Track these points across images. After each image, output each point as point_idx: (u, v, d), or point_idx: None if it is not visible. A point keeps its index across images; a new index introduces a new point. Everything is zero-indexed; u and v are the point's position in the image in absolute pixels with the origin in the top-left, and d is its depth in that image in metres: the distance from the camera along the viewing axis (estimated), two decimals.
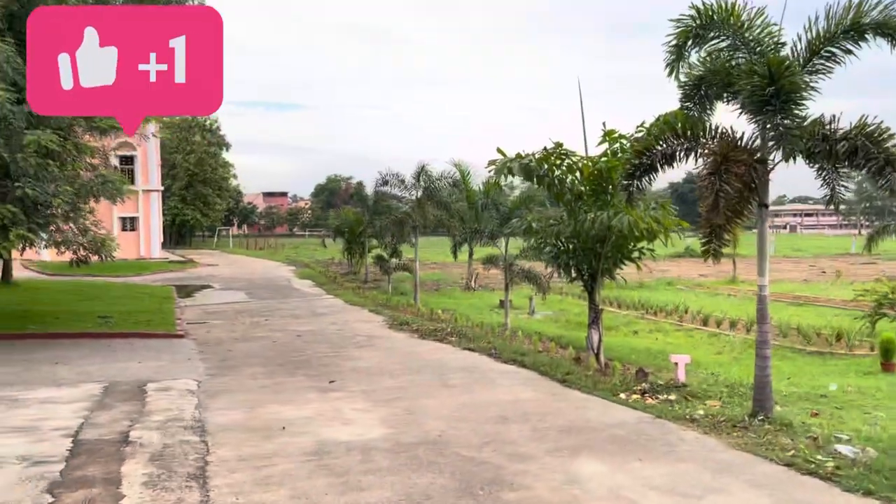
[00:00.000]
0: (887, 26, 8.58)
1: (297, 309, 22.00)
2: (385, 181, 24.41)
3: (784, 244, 74.94)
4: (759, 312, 9.39)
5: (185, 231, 79.06)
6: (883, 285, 17.56)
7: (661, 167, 9.32)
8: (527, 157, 12.08)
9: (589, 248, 12.76)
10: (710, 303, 24.78)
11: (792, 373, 13.72)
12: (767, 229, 9.36)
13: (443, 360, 13.26)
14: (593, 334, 13.11)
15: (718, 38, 9.02)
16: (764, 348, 9.28)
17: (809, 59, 8.93)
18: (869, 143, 8.24)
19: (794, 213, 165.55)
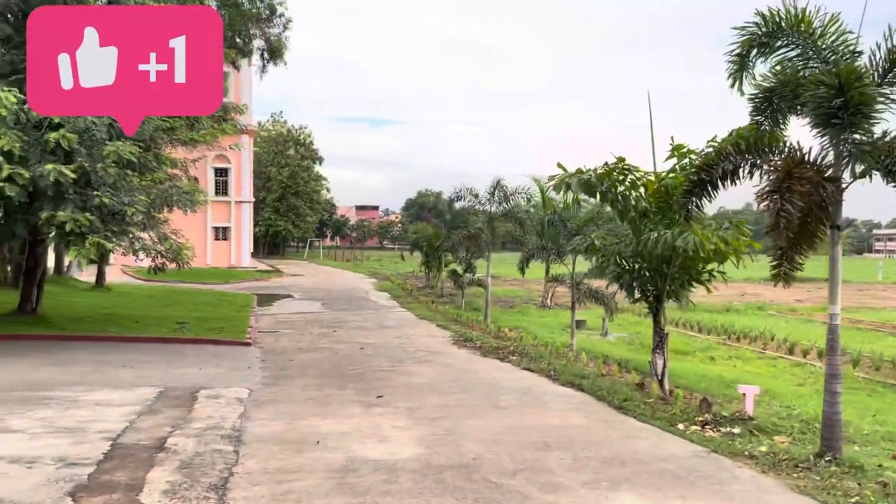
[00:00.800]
0: None
1: (367, 321, 22.15)
2: (459, 196, 24.31)
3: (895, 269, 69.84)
4: (830, 343, 8.61)
5: (279, 241, 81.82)
6: None
7: (723, 184, 8.74)
8: (587, 173, 11.65)
9: (654, 268, 12.17)
10: (801, 330, 23.28)
11: (880, 409, 12.59)
12: (839, 253, 8.58)
13: (498, 380, 12.94)
14: (657, 359, 12.45)
15: (787, 46, 8.39)
16: (834, 382, 8.50)
17: (890, 68, 8.17)
18: None
19: None
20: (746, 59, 8.25)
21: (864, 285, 48.27)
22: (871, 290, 43.63)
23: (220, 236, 47.98)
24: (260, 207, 72.27)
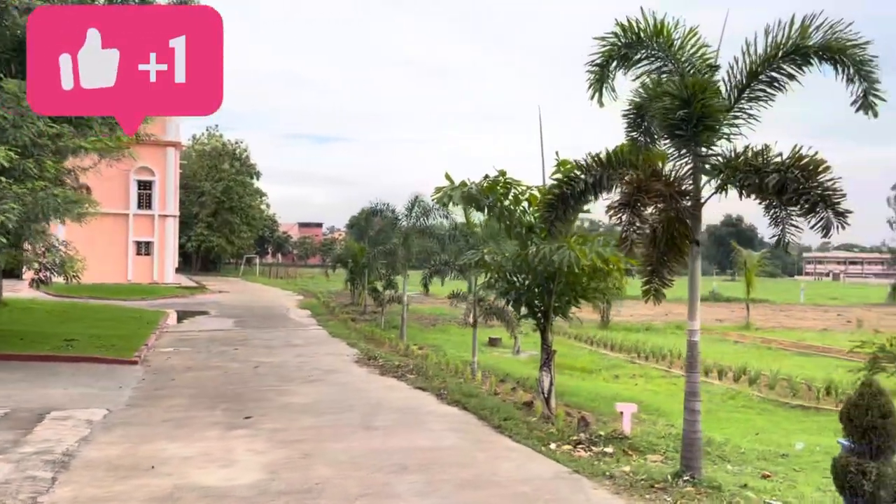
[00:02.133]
0: (831, 49, 7.78)
1: (276, 339, 21.45)
2: (375, 211, 23.87)
3: (820, 292, 72.25)
4: (689, 360, 8.49)
5: (214, 258, 79.74)
6: (881, 336, 16.26)
7: (584, 198, 8.56)
8: (470, 186, 11.41)
9: (540, 284, 11.97)
10: (713, 349, 23.52)
11: (764, 428, 12.62)
12: (698, 269, 8.47)
13: (384, 400, 12.51)
14: (544, 377, 12.20)
15: (648, 59, 8.30)
16: (693, 401, 8.35)
17: (748, 84, 8.15)
18: (801, 176, 7.39)
19: (838, 261, 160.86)
20: (606, 70, 8.11)
21: (785, 306, 49.61)
22: (791, 311, 44.80)
23: (142, 251, 46.36)
24: (192, 223, 70.42)
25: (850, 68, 7.81)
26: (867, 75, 7.78)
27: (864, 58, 7.76)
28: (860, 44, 7.73)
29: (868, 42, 7.75)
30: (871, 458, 5.87)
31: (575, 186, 8.50)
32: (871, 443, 5.82)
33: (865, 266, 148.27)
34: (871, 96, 7.78)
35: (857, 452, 5.96)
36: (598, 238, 11.93)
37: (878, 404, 5.83)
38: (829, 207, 7.36)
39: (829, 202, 7.33)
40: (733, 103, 8.22)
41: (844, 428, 6.09)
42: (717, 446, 10.72)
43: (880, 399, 5.84)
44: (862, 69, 7.76)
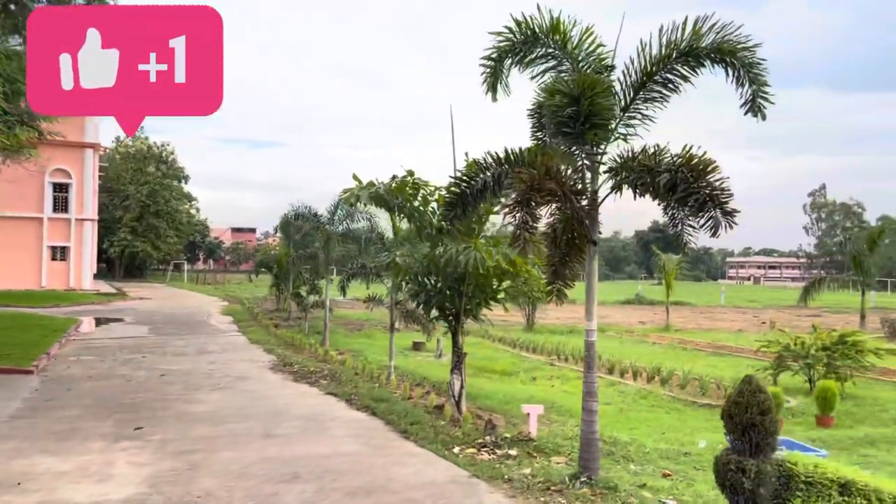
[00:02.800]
0: (721, 51, 7.88)
1: (190, 346, 20.68)
2: (298, 215, 23.35)
3: (741, 294, 74.93)
4: (587, 360, 8.43)
5: (139, 263, 76.95)
6: (785, 336, 16.81)
7: (484, 196, 8.44)
8: (378, 186, 11.18)
9: (450, 286, 11.83)
10: (631, 350, 23.94)
11: (672, 426, 12.79)
12: (595, 268, 8.45)
13: (291, 406, 12.12)
14: (454, 380, 12.07)
15: (546, 57, 8.25)
16: (590, 401, 8.30)
17: (643, 84, 8.18)
18: (691, 175, 7.44)
19: (758, 266, 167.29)
20: (500, 66, 8.00)
21: (706, 308, 51.14)
22: (711, 313, 46.16)
23: (57, 256, 44.26)
24: (116, 227, 67.87)
25: (740, 70, 7.93)
26: (756, 77, 7.91)
27: (753, 60, 7.89)
28: (749, 46, 7.86)
29: (757, 45, 7.88)
30: (750, 455, 5.90)
31: (474, 185, 8.37)
32: (751, 440, 5.85)
33: (784, 270, 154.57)
34: (760, 99, 7.91)
35: (737, 450, 5.98)
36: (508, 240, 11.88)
37: (757, 401, 5.86)
38: (718, 206, 7.43)
39: (717, 201, 7.40)
40: (629, 103, 8.24)
41: (725, 425, 6.11)
42: (623, 446, 10.77)
43: (759, 396, 5.88)
44: (751, 71, 7.89)
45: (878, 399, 15.53)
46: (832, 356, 15.50)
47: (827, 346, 15.69)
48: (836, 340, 15.81)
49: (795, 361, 16.03)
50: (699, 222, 7.55)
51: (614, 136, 8.32)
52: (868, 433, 12.05)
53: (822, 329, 16.77)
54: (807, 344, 15.89)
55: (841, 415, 13.86)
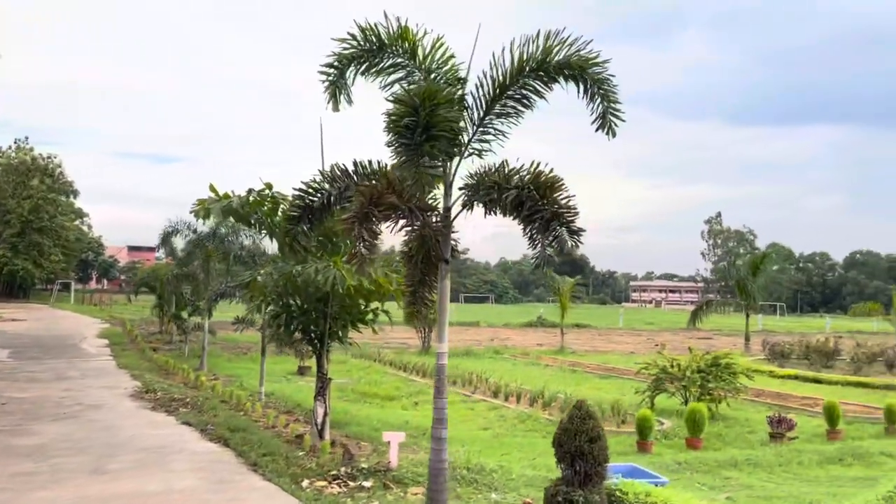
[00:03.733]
0: (572, 66, 7.69)
1: (49, 371, 19.08)
2: (175, 230, 22.08)
3: (640, 317, 77.22)
4: (437, 385, 8.01)
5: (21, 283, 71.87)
6: (662, 358, 17.02)
7: (330, 210, 7.92)
8: (233, 200, 10.47)
9: (313, 306, 11.20)
10: (523, 373, 23.84)
11: (546, 451, 12.39)
12: (447, 288, 8.06)
13: (137, 437, 11.14)
14: (318, 407, 11.40)
15: (395, 66, 7.86)
16: (439, 428, 7.87)
17: (497, 98, 7.90)
18: (538, 193, 7.18)
19: (660, 289, 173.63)
20: (343, 74, 7.55)
21: (605, 331, 52.28)
22: (609, 335, 47.12)
23: None
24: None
25: (591, 86, 7.78)
26: (607, 94, 7.77)
27: (603, 76, 7.74)
28: (600, 62, 7.71)
29: (607, 60, 7.74)
30: (579, 485, 5.57)
31: (320, 198, 7.85)
32: (579, 470, 5.52)
33: (683, 294, 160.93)
34: (611, 116, 7.77)
35: (567, 480, 5.64)
36: (379, 259, 11.39)
37: (586, 428, 5.55)
38: (563, 225, 7.20)
39: (563, 220, 7.17)
40: (483, 118, 7.95)
41: (556, 454, 5.77)
42: (488, 474, 10.36)
43: (589, 423, 5.57)
44: (602, 87, 7.74)
45: (749, 420, 15.84)
46: (706, 378, 15.74)
47: (701, 369, 15.94)
48: (710, 363, 16.10)
49: (672, 383, 16.20)
50: (546, 240, 7.28)
51: (468, 150, 8.01)
52: (734, 455, 12.14)
53: (697, 351, 17.07)
54: (682, 366, 16.09)
55: (711, 437, 14.00)
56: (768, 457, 12.12)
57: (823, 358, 27.13)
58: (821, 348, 27.66)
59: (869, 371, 25.47)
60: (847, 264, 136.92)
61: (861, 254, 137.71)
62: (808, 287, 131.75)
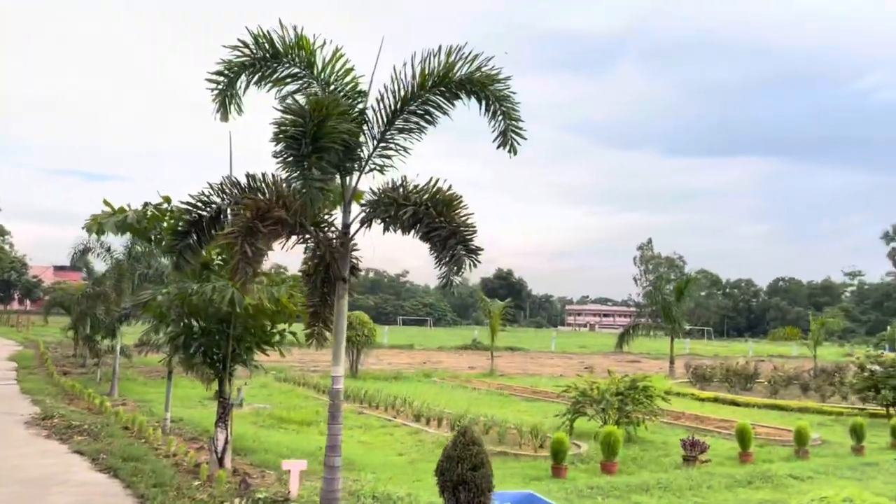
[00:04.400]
0: (474, 82, 7.58)
1: None
2: (87, 248, 21.07)
3: (573, 340, 78.17)
4: (331, 410, 7.68)
5: None
6: (583, 381, 17.01)
7: (219, 224, 7.54)
8: (128, 214, 9.93)
9: (215, 327, 10.70)
10: (449, 396, 23.54)
11: None
12: (345, 308, 7.76)
13: (20, 468, 10.39)
14: (219, 433, 10.86)
15: (292, 77, 7.58)
16: (332, 456, 7.53)
17: (398, 113, 7.71)
18: (435, 210, 6.99)
19: (594, 313, 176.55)
20: (233, 83, 7.22)
21: (537, 354, 52.58)
22: (540, 359, 47.37)
23: None
24: None
25: (493, 103, 7.68)
26: (509, 111, 7.68)
27: (505, 93, 7.66)
28: (501, 79, 7.62)
29: (509, 77, 7.67)
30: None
31: (209, 211, 7.46)
32: (461, 500, 5.26)
33: (617, 318, 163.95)
34: (513, 133, 7.68)
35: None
36: (288, 278, 10.99)
37: (469, 455, 5.31)
38: (461, 243, 7.01)
39: (461, 238, 6.99)
40: (384, 132, 7.75)
41: (438, 482, 5.50)
42: (394, 502, 10.01)
43: (473, 449, 5.34)
44: (503, 104, 7.65)
45: (666, 444, 15.91)
46: (623, 401, 15.77)
47: (620, 392, 15.97)
48: (628, 386, 16.15)
49: (591, 407, 16.17)
50: (444, 259, 7.08)
51: (368, 166, 7.78)
52: (646, 479, 12.09)
53: (616, 374, 17.12)
54: (601, 389, 16.10)
55: (627, 460, 13.97)
56: (679, 480, 12.11)
57: (743, 381, 27.76)
58: (740, 372, 28.30)
59: (785, 394, 26.14)
60: (771, 291, 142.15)
61: (784, 280, 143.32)
62: (735, 312, 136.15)
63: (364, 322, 28.15)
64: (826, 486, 12.37)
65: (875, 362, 20.37)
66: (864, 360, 21.04)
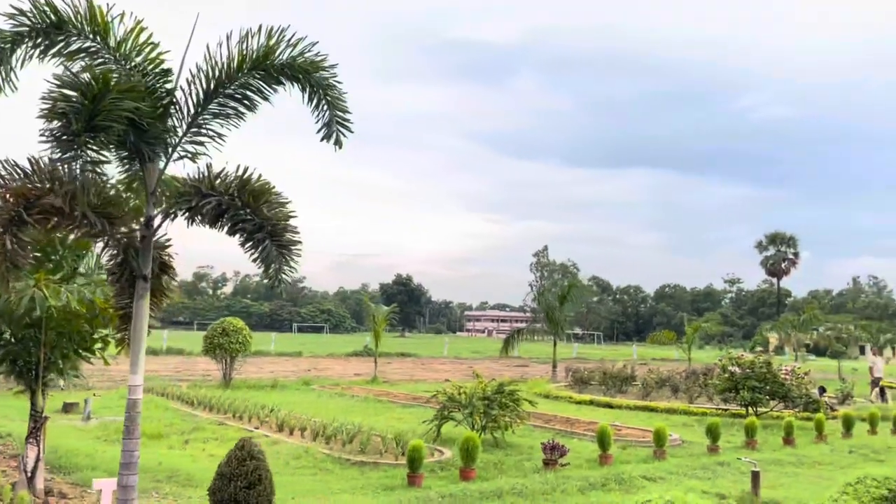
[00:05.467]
0: (295, 68, 7.04)
1: None
2: None
3: (468, 346, 78.82)
4: (127, 424, 6.89)
5: None
6: (451, 386, 16.74)
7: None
8: None
9: (24, 333, 9.62)
10: (325, 404, 22.85)
11: (310, 490, 11.56)
12: (145, 310, 7.00)
13: None
14: (29, 451, 9.76)
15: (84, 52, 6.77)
16: (127, 475, 6.74)
17: (212, 95, 7.06)
18: (241, 202, 6.38)
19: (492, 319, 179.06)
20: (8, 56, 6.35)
21: (429, 359, 52.40)
22: (431, 364, 47.17)
23: None
24: None
25: (317, 91, 7.17)
26: (335, 102, 7.20)
27: (330, 82, 7.18)
28: (326, 66, 7.13)
29: (335, 65, 7.19)
30: None
31: None
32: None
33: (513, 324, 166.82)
34: (339, 125, 7.20)
35: None
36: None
37: (245, 471, 4.75)
38: (271, 237, 6.43)
39: (271, 231, 6.41)
40: (195, 116, 7.08)
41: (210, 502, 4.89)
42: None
43: (249, 465, 4.81)
44: (328, 94, 7.17)
45: (532, 448, 15.81)
46: (490, 405, 15.58)
47: (486, 396, 15.77)
48: (495, 389, 15.99)
49: (459, 411, 15.89)
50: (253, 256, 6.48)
51: (177, 152, 7.08)
52: (501, 485, 11.86)
53: (483, 378, 16.95)
54: (468, 393, 15.86)
55: (489, 465, 13.74)
56: (535, 485, 11.96)
57: (619, 384, 28.41)
58: (617, 374, 28.97)
59: (657, 395, 26.92)
60: (657, 297, 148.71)
61: (669, 287, 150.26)
62: (624, 317, 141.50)
63: (238, 328, 26.91)
64: (676, 486, 12.56)
65: (735, 364, 21.21)
66: (726, 363, 21.88)
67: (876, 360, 29.75)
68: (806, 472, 13.94)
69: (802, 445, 17.00)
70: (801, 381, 21.13)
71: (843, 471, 13.78)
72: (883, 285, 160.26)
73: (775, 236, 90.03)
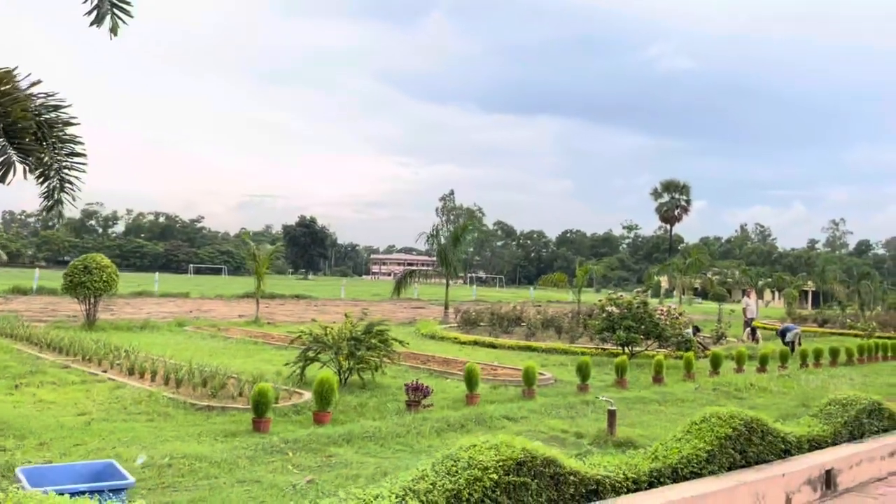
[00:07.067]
0: None
1: None
2: None
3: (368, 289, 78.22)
4: None
5: None
6: (317, 326, 15.89)
7: None
8: None
9: None
10: (194, 346, 21.54)
11: (138, 437, 10.47)
12: None
13: None
14: None
15: None
16: None
17: None
18: None
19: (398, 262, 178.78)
20: None
21: (325, 301, 51.38)
22: (325, 306, 46.15)
23: None
24: None
25: None
26: None
27: None
28: None
29: None
30: None
31: None
32: None
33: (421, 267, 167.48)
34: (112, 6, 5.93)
35: None
36: None
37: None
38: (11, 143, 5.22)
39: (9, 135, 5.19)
40: None
41: None
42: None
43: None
44: None
45: (400, 389, 15.27)
46: (356, 346, 14.85)
47: (353, 336, 15.02)
48: (364, 330, 15.25)
49: (324, 352, 15.10)
50: None
51: None
52: (352, 429, 11.18)
53: (351, 317, 16.18)
54: (335, 334, 15.06)
55: (350, 408, 13.09)
56: (390, 427, 11.35)
57: (506, 324, 28.39)
58: (505, 315, 28.95)
59: (542, 336, 27.06)
60: (559, 242, 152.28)
61: (571, 233, 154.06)
62: (527, 262, 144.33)
63: (103, 265, 24.92)
64: (537, 424, 12.29)
65: (613, 304, 21.32)
66: (605, 303, 21.98)
67: (749, 301, 31.00)
68: (667, 410, 13.99)
69: (671, 384, 17.23)
70: (675, 322, 21.50)
71: (703, 408, 13.95)
72: (768, 233, 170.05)
73: (669, 184, 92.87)
